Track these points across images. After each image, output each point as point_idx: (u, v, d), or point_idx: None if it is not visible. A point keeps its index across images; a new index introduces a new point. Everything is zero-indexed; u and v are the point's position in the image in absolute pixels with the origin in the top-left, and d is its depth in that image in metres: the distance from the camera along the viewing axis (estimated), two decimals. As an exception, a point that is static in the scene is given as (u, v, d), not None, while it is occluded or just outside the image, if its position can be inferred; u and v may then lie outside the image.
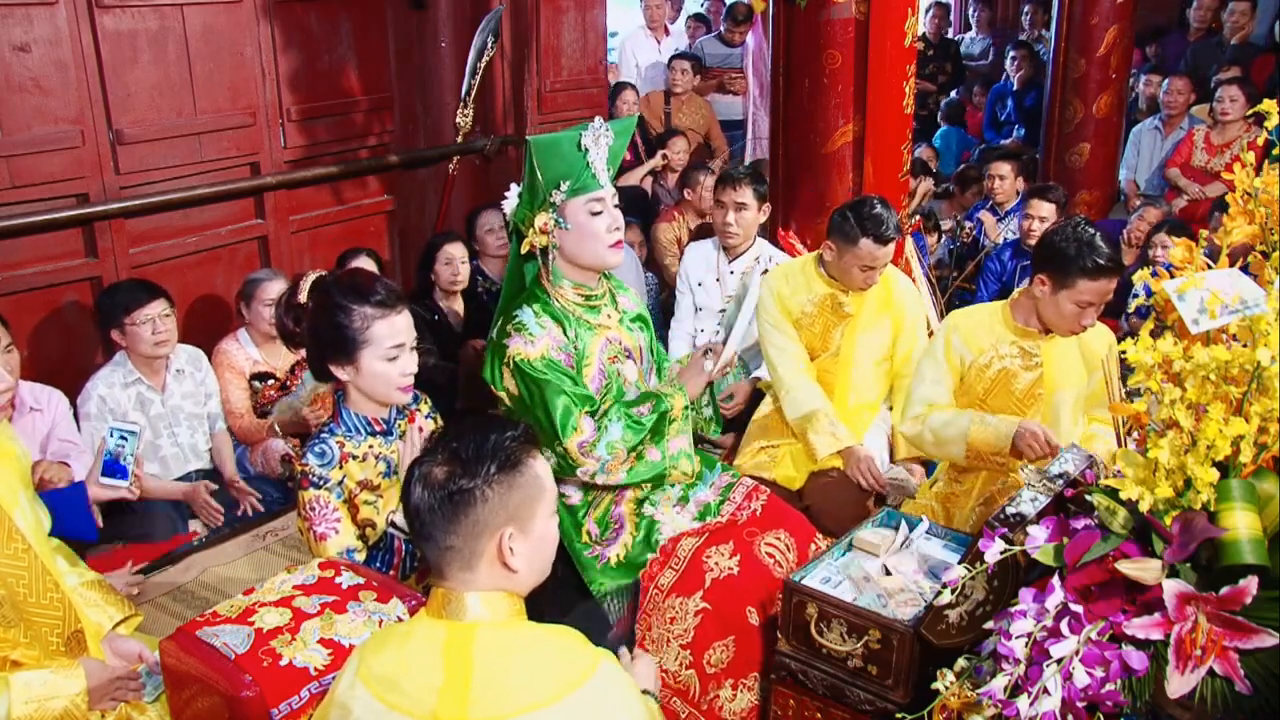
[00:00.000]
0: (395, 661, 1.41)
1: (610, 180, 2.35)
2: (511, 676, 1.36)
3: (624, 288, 2.58)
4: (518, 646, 1.41)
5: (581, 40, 4.91)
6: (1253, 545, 1.38)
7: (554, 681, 1.36)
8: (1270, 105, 1.61)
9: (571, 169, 2.27)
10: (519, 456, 1.45)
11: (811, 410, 3.07)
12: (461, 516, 1.41)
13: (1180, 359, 1.47)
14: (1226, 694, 1.38)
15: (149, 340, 3.17)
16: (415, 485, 1.44)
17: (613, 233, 2.32)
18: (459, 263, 4.07)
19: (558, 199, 2.29)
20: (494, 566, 1.44)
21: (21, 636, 1.86)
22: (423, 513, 1.43)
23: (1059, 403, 2.67)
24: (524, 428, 1.50)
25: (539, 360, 2.26)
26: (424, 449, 1.51)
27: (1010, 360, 2.69)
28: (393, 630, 1.50)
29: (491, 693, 1.35)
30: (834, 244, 3.03)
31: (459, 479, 1.41)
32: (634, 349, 2.47)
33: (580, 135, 2.26)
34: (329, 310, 2.07)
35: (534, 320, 2.30)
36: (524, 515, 1.45)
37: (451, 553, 1.43)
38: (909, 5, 3.63)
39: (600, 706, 1.36)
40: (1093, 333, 2.64)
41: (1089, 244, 2.49)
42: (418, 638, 1.43)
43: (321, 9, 4.12)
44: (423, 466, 1.45)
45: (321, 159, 4.25)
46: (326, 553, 2.05)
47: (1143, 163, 5.83)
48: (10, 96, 3.28)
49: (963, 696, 1.61)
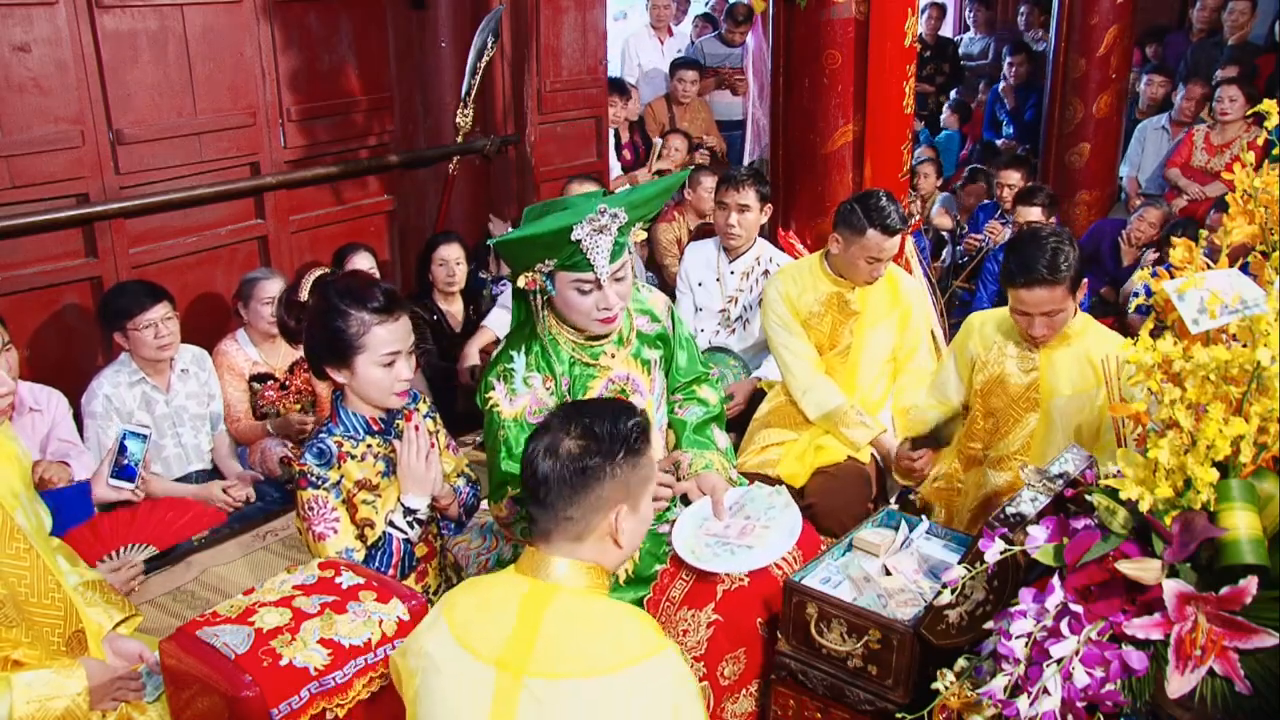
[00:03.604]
0: (476, 605, 1.53)
1: (616, 258, 2.06)
2: (574, 641, 1.45)
3: (643, 306, 2.36)
4: (587, 615, 1.50)
5: (581, 40, 4.91)
6: (1253, 545, 1.38)
7: (612, 655, 1.43)
8: (1270, 105, 1.62)
9: (557, 253, 2.03)
10: (641, 443, 1.56)
11: (836, 407, 3.12)
12: (587, 491, 1.51)
13: (1180, 359, 1.47)
14: (1226, 694, 1.38)
15: (152, 344, 3.17)
16: (544, 456, 1.53)
17: (601, 311, 2.10)
18: (454, 264, 4.06)
19: (544, 269, 2.07)
20: (602, 540, 1.55)
21: (23, 636, 1.86)
22: (548, 483, 1.52)
23: (1055, 409, 2.66)
24: (644, 415, 1.61)
25: (510, 421, 2.16)
26: (546, 419, 1.59)
27: (1010, 362, 2.71)
28: (482, 579, 1.63)
29: (552, 652, 1.44)
30: (841, 236, 3.05)
31: (593, 456, 1.51)
32: (643, 380, 2.32)
33: (571, 226, 1.97)
34: (327, 313, 2.07)
35: (522, 372, 2.17)
36: (637, 495, 1.57)
37: (567, 523, 1.53)
38: (909, 5, 3.63)
39: (649, 688, 1.43)
40: (1105, 345, 2.57)
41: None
42: (501, 587, 1.55)
43: (321, 9, 4.12)
44: (550, 438, 1.54)
45: (321, 159, 4.25)
46: (325, 552, 2.05)
47: (1147, 160, 5.81)
48: (10, 96, 3.28)
49: (963, 696, 1.61)
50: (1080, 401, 2.63)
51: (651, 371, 2.35)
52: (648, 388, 2.33)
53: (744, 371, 3.64)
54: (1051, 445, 2.66)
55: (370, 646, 1.76)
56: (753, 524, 2.24)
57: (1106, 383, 1.93)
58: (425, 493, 2.13)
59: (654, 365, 2.36)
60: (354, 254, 3.82)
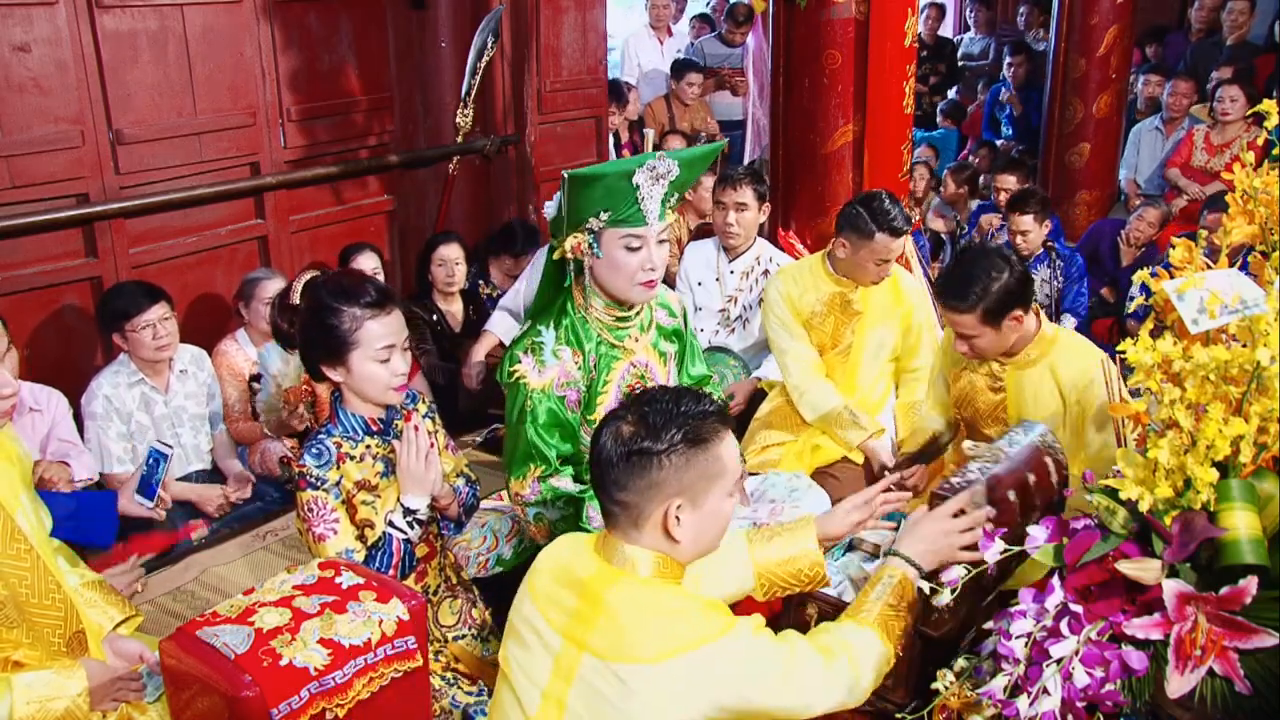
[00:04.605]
0: (553, 572, 1.58)
1: (664, 215, 2.18)
2: (631, 629, 1.46)
3: (662, 300, 2.43)
4: (647, 604, 1.50)
5: (581, 40, 4.91)
6: (1253, 545, 1.38)
7: (667, 642, 1.44)
8: (1270, 105, 1.61)
9: (615, 202, 2.12)
10: (706, 434, 1.52)
11: (831, 409, 3.12)
12: (637, 477, 1.50)
13: (1180, 359, 1.47)
14: (1226, 694, 1.38)
15: (150, 345, 3.17)
16: (606, 436, 1.53)
17: (645, 272, 2.17)
18: (453, 264, 4.06)
19: (595, 225, 2.15)
20: (658, 531, 1.53)
21: (24, 637, 1.86)
22: (605, 464, 1.52)
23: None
24: (719, 405, 1.57)
25: (538, 392, 2.21)
26: (621, 403, 1.59)
27: (979, 379, 2.65)
28: (561, 549, 1.63)
29: (610, 635, 1.46)
30: (848, 240, 3.05)
31: (642, 440, 1.50)
32: (660, 370, 2.39)
33: (634, 169, 2.09)
34: (319, 312, 2.07)
35: (552, 345, 2.23)
36: (697, 490, 1.52)
37: (622, 508, 1.53)
38: (909, 5, 3.64)
39: (712, 671, 1.43)
40: (1071, 363, 2.48)
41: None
42: (575, 559, 1.57)
43: (321, 9, 4.12)
44: (614, 421, 1.54)
45: (321, 159, 4.25)
46: (325, 553, 2.04)
47: (1143, 162, 5.82)
48: (10, 96, 3.28)
49: (963, 696, 1.61)
50: (1050, 424, 2.55)
51: (668, 364, 2.41)
52: (664, 378, 2.39)
53: (744, 371, 3.65)
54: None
55: (370, 646, 1.76)
56: (781, 505, 2.25)
57: (1107, 384, 1.93)
58: (425, 493, 2.13)
59: (669, 359, 2.42)
60: (359, 254, 3.83)
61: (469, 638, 2.29)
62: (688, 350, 2.51)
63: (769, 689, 1.48)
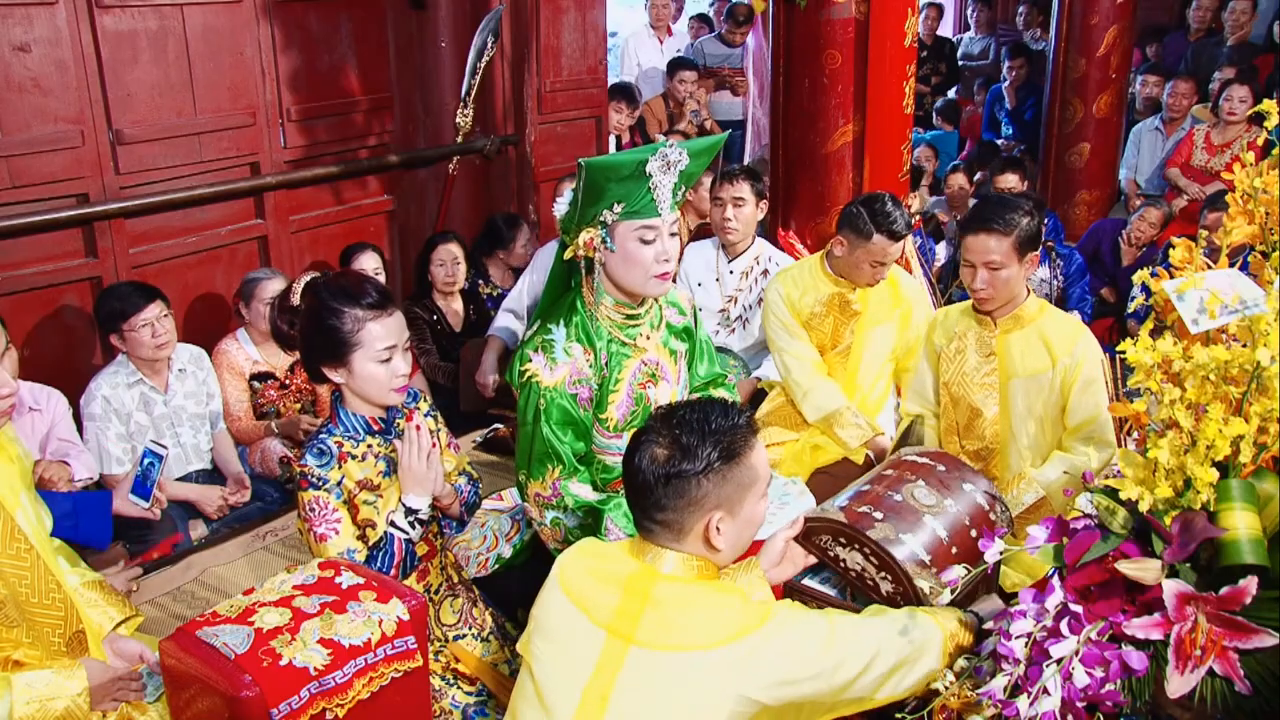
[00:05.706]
0: (588, 570, 1.60)
1: (675, 206, 2.18)
2: (680, 619, 1.51)
3: (671, 298, 2.44)
4: (691, 599, 1.54)
5: (581, 40, 4.91)
6: (1253, 545, 1.38)
7: (716, 630, 1.47)
8: (1270, 105, 1.61)
9: (629, 193, 2.12)
10: (739, 448, 1.56)
11: (833, 409, 3.13)
12: (677, 497, 1.53)
13: (1180, 359, 1.47)
14: (1226, 694, 1.38)
15: (149, 344, 3.17)
16: (641, 459, 1.55)
17: (661, 264, 2.18)
18: (452, 263, 4.07)
19: (608, 219, 2.14)
20: (699, 541, 1.56)
21: (24, 637, 1.86)
22: (642, 488, 1.55)
23: (1013, 392, 2.68)
24: (747, 417, 1.60)
25: (551, 389, 2.21)
26: (650, 420, 1.60)
27: (970, 347, 2.74)
28: (593, 548, 1.66)
29: (658, 627, 1.50)
30: (846, 239, 3.05)
31: (679, 463, 1.53)
32: (670, 369, 2.38)
33: (647, 158, 2.09)
34: (321, 313, 2.07)
35: (563, 343, 2.23)
36: (734, 500, 1.57)
37: (663, 526, 1.56)
38: (909, 5, 3.64)
39: (761, 654, 1.47)
40: (1059, 327, 2.63)
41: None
42: (611, 560, 1.61)
43: (321, 9, 4.12)
44: (647, 444, 1.56)
45: (321, 159, 4.25)
46: (327, 553, 2.05)
47: (1143, 162, 5.83)
48: (10, 96, 3.28)
49: (963, 696, 1.61)
50: (1039, 384, 2.65)
51: (678, 362, 2.41)
52: (674, 377, 2.39)
53: (744, 371, 3.65)
54: (1015, 434, 2.70)
55: (370, 646, 1.76)
56: (769, 507, 2.25)
57: (1111, 376, 1.93)
58: (426, 492, 2.13)
59: (680, 357, 2.42)
60: (360, 254, 3.83)
61: (470, 637, 2.29)
62: (698, 348, 2.51)
63: (813, 657, 1.51)
